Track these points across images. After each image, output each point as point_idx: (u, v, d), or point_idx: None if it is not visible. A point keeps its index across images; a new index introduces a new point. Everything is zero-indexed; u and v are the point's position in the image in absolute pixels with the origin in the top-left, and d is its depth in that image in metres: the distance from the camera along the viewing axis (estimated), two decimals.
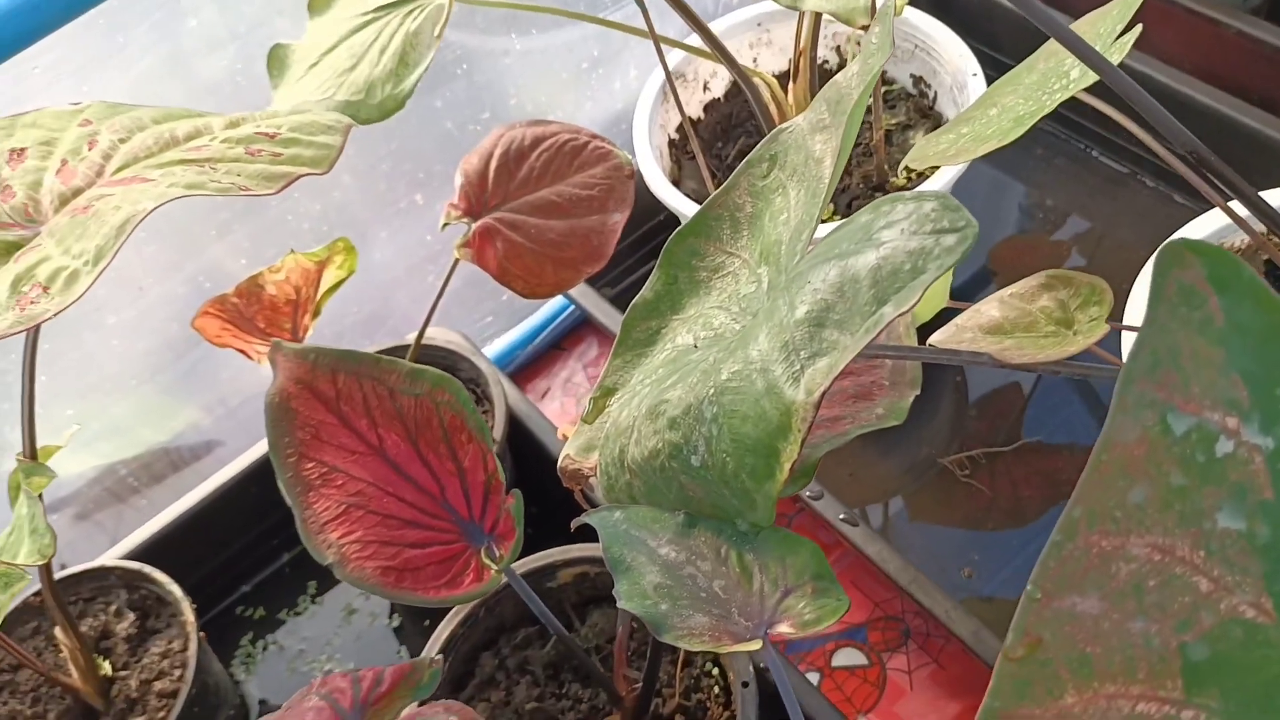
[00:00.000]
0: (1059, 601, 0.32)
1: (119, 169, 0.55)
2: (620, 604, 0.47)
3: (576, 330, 1.05)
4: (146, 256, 0.91)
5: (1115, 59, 0.53)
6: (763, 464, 0.44)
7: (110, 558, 0.84)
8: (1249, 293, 0.31)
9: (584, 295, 0.94)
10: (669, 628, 0.46)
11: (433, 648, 0.70)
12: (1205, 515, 0.31)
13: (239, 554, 0.92)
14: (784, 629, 0.45)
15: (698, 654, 0.72)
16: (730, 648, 0.45)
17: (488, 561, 0.59)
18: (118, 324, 0.91)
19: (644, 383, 0.56)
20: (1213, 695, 0.31)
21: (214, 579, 0.91)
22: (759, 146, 0.57)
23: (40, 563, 0.56)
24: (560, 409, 1.01)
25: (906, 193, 0.43)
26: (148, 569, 0.81)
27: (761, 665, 0.73)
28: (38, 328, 0.59)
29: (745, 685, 0.66)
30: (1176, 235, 0.76)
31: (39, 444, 0.63)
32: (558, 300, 1.03)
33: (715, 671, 0.71)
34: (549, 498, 0.88)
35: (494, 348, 1.02)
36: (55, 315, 0.47)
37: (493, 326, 1.04)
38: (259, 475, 0.89)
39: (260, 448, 0.90)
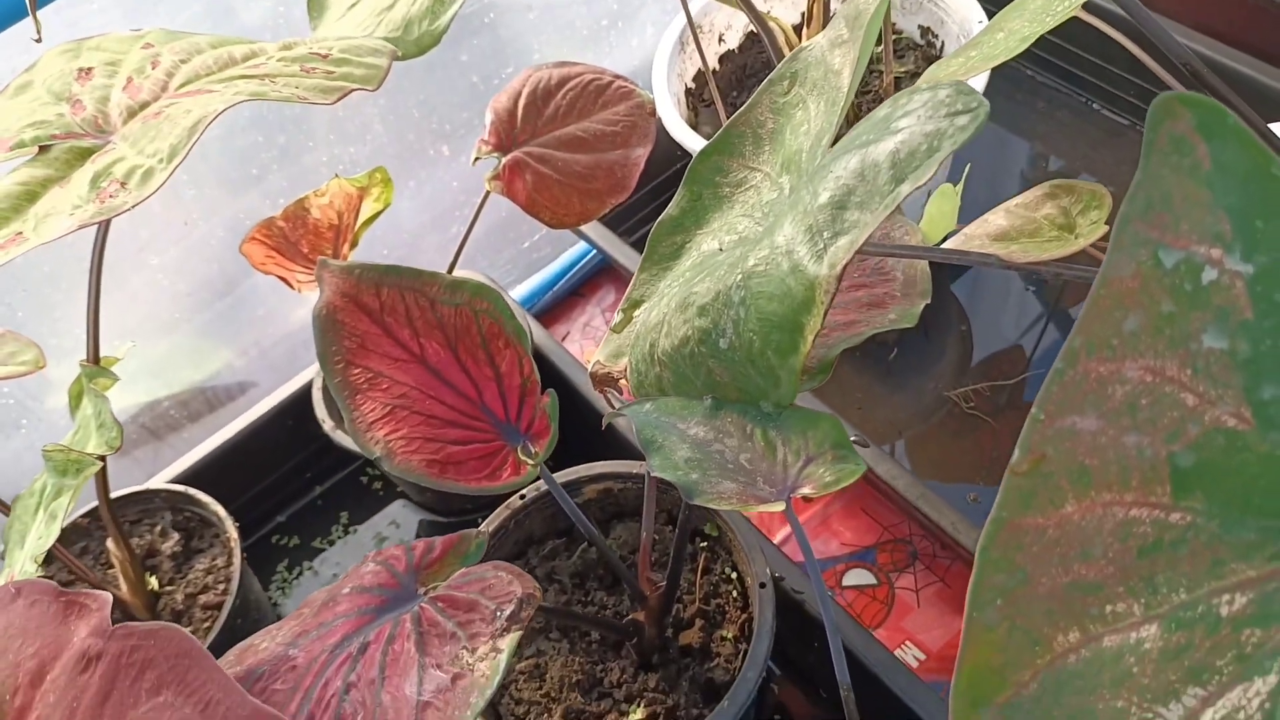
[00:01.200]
0: (1060, 421, 0.36)
1: (182, 84, 0.59)
2: (653, 472, 0.51)
3: (595, 277, 1.08)
4: (188, 200, 0.95)
5: None
6: (787, 339, 0.48)
7: (155, 483, 0.87)
8: (1234, 138, 0.35)
9: (603, 238, 0.98)
10: (700, 492, 0.49)
11: None
12: (1192, 337, 0.35)
13: (275, 485, 0.96)
14: (805, 491, 0.49)
15: (717, 562, 0.76)
16: (756, 508, 0.48)
17: (524, 458, 0.62)
18: (160, 265, 0.95)
19: (671, 286, 0.60)
20: (1198, 498, 0.35)
21: (252, 508, 0.95)
22: (780, 65, 0.61)
23: (109, 453, 0.59)
24: (580, 351, 1.05)
25: (921, 86, 0.47)
26: (192, 491, 0.85)
27: (777, 575, 0.77)
28: (106, 232, 0.63)
29: (763, 586, 0.70)
30: None
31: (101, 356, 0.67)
32: (578, 247, 1.07)
33: (734, 577, 0.75)
34: (572, 430, 0.92)
35: (516, 293, 1.06)
36: (133, 207, 0.50)
37: (513, 273, 1.08)
38: (294, 409, 0.93)
39: (295, 383, 0.94)
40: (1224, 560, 0.35)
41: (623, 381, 0.64)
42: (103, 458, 0.62)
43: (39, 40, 0.64)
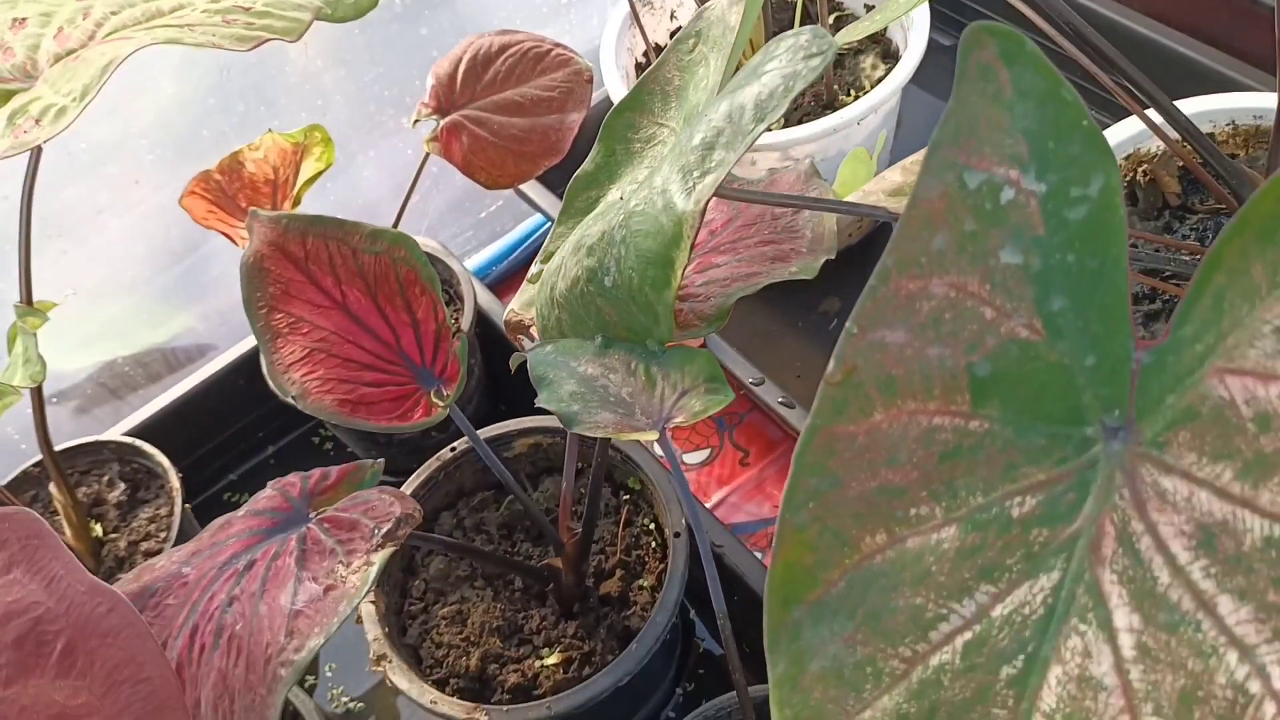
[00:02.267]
0: (872, 334, 0.38)
1: (109, 34, 0.61)
2: (538, 403, 0.53)
3: None
4: (147, 164, 0.97)
5: None
6: (661, 274, 0.50)
7: (106, 435, 0.90)
8: (1031, 63, 0.36)
9: (554, 207, 1.00)
10: (579, 422, 0.51)
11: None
12: (991, 254, 0.37)
13: (227, 443, 0.99)
14: (678, 420, 0.51)
15: (639, 515, 0.78)
16: (628, 435, 0.50)
17: (436, 400, 0.64)
18: (119, 228, 0.97)
19: (575, 232, 0.62)
20: (994, 406, 0.37)
21: (203, 465, 0.97)
22: (686, 25, 0.63)
23: (30, 386, 0.62)
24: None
25: (789, 31, 0.49)
26: (139, 443, 0.87)
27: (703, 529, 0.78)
28: (34, 176, 0.65)
29: (677, 535, 0.72)
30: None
31: (35, 301, 0.70)
32: (533, 220, 1.09)
33: (654, 529, 0.77)
34: (515, 390, 0.94)
35: (471, 262, 1.08)
36: (45, 142, 0.53)
37: (471, 243, 1.10)
38: (246, 368, 0.96)
39: (247, 343, 0.96)
40: (1016, 465, 0.36)
41: (534, 329, 0.66)
42: (36, 390, 0.64)
43: None
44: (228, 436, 0.98)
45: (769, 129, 0.52)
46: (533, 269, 0.69)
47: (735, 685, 0.57)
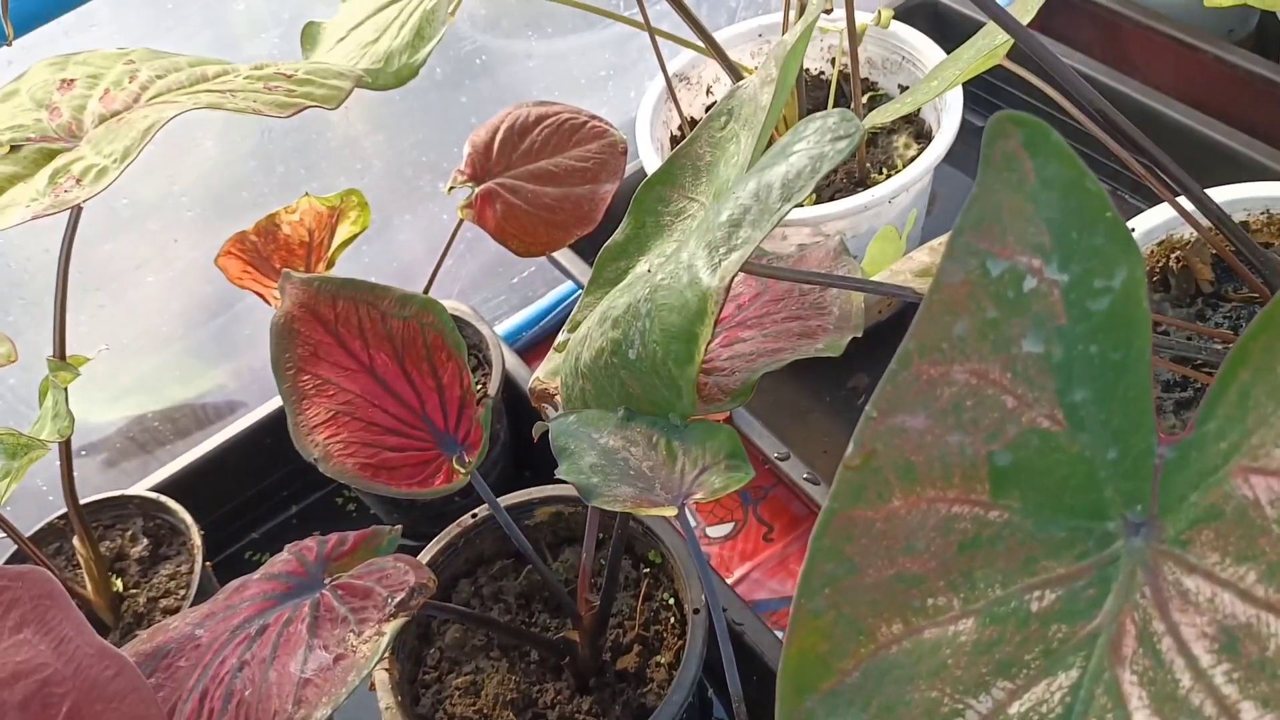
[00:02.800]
0: (891, 419, 0.38)
1: (153, 97, 0.63)
2: (558, 474, 0.53)
3: None
4: (187, 222, 0.99)
5: (1024, 20, 0.59)
6: (684, 349, 0.50)
7: (131, 490, 0.90)
8: (1055, 153, 0.36)
9: (586, 275, 1.01)
10: (597, 495, 0.51)
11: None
12: (1013, 342, 0.37)
13: (251, 501, 0.99)
14: (697, 496, 0.50)
15: (659, 589, 0.77)
16: (647, 510, 0.50)
17: (458, 467, 0.64)
18: (156, 283, 0.99)
19: (603, 303, 0.62)
20: (1015, 496, 0.36)
21: (226, 522, 0.98)
22: (718, 103, 0.64)
23: (59, 439, 0.63)
24: None
25: (819, 113, 0.49)
26: (163, 499, 0.87)
27: (723, 608, 0.77)
28: (74, 233, 0.66)
29: (696, 612, 0.71)
30: (1128, 224, 0.81)
31: (68, 355, 0.71)
32: (565, 286, 1.10)
33: (673, 604, 0.76)
34: (540, 456, 0.94)
35: (502, 327, 1.08)
36: (84, 202, 0.54)
37: (503, 308, 1.11)
38: (274, 427, 0.96)
39: (275, 402, 0.97)
40: (1036, 558, 0.36)
41: (559, 397, 0.67)
42: (64, 443, 0.65)
43: (9, 44, 0.69)
44: (252, 495, 0.99)
45: (798, 206, 0.52)
46: (560, 338, 0.69)
47: None
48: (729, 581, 0.88)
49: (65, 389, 0.65)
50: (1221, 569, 0.32)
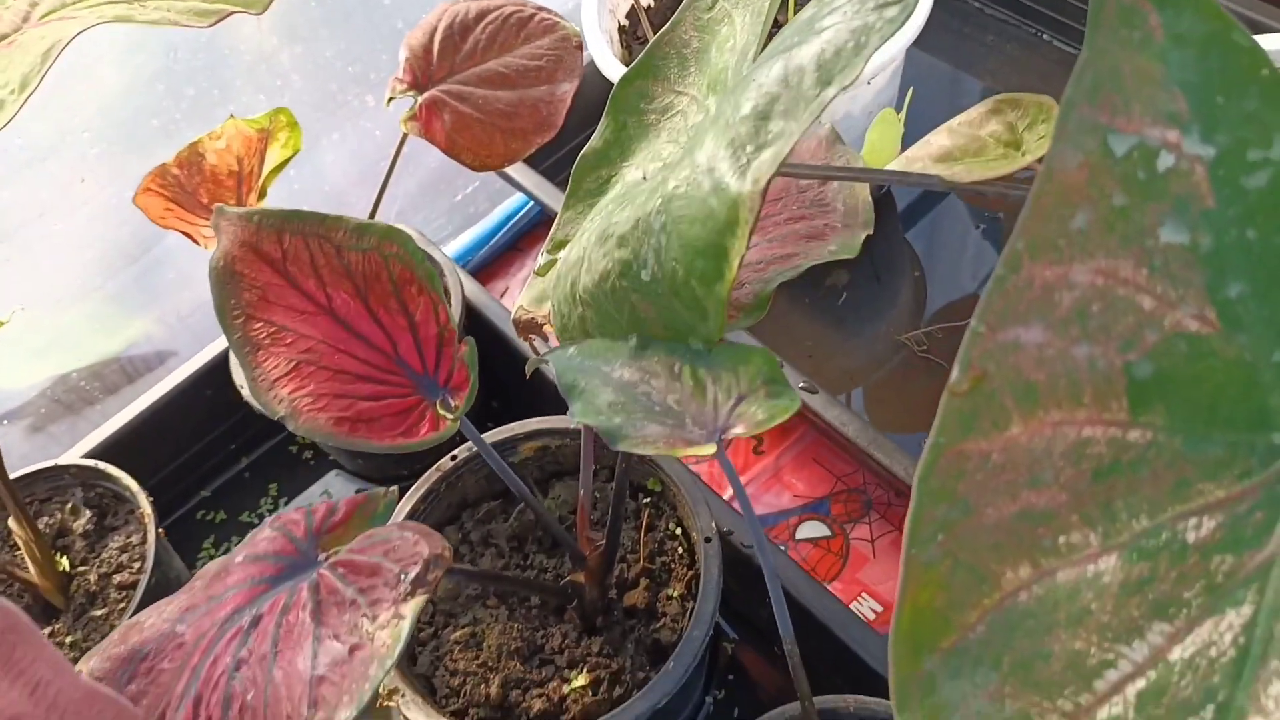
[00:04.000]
0: (1003, 334, 0.32)
1: (46, 14, 0.53)
2: (574, 420, 0.47)
3: (533, 230, 1.04)
4: (92, 160, 0.89)
5: None
6: (712, 266, 0.44)
7: (65, 459, 0.82)
8: (1189, 4, 0.31)
9: (535, 184, 0.93)
10: (624, 437, 0.45)
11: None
12: (1147, 233, 0.31)
13: (196, 458, 0.91)
14: (737, 430, 0.45)
15: (661, 519, 0.72)
16: (684, 451, 0.44)
17: (443, 412, 0.58)
18: (64, 231, 0.89)
19: (594, 220, 0.56)
20: (1158, 412, 0.31)
21: (172, 483, 0.90)
22: None
23: None
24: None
25: None
26: (103, 465, 0.80)
27: (725, 529, 0.73)
28: None
29: (708, 541, 0.66)
30: None
31: None
32: (514, 200, 1.02)
33: (679, 533, 0.71)
34: (512, 388, 0.88)
35: (450, 248, 1.01)
36: None
37: (447, 228, 1.03)
38: (212, 376, 0.88)
39: (211, 349, 0.89)
40: (1189, 481, 0.31)
41: (548, 327, 0.60)
42: None
43: None
44: (197, 451, 0.91)
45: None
46: (540, 259, 0.62)
47: (800, 695, 0.52)
48: (724, 499, 0.83)
49: None
50: None
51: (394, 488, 0.51)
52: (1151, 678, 0.31)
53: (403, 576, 0.43)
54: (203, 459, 0.92)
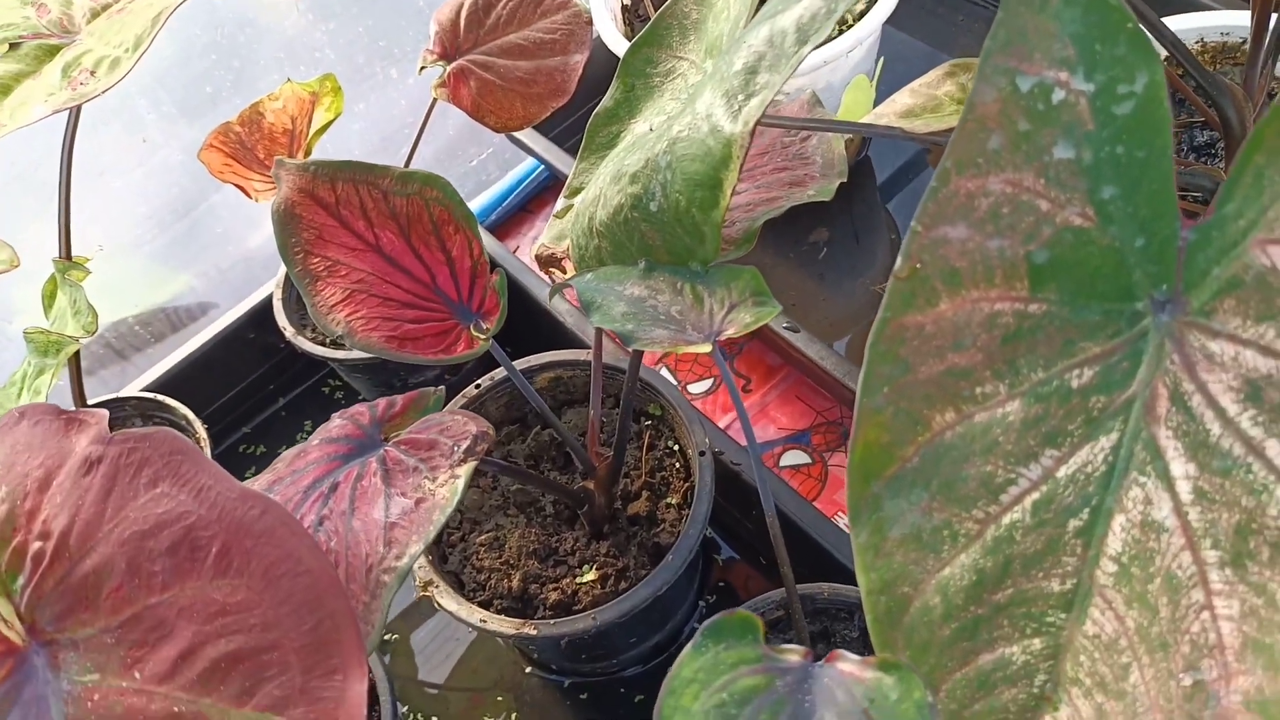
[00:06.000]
0: (935, 231, 0.41)
1: None
2: (592, 323, 0.56)
3: (541, 194, 1.13)
4: (148, 124, 0.98)
5: None
6: (709, 195, 0.53)
7: (125, 392, 0.91)
8: None
9: (549, 151, 1.03)
10: (635, 339, 0.55)
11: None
12: (1045, 151, 0.40)
13: (240, 396, 1.00)
14: (729, 332, 0.54)
15: (660, 439, 0.81)
16: (685, 348, 0.54)
17: (476, 333, 0.67)
18: (121, 188, 0.98)
19: (607, 166, 0.65)
20: (1052, 289, 0.40)
21: (218, 418, 0.99)
22: None
23: (86, 335, 0.64)
24: (529, 261, 1.09)
25: None
26: (162, 397, 0.89)
27: (717, 449, 0.82)
28: (74, 132, 0.66)
29: (702, 454, 0.76)
30: None
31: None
32: (525, 165, 1.11)
33: (676, 450, 0.80)
34: (525, 330, 0.97)
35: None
36: (103, 93, 0.54)
37: (462, 190, 1.12)
38: (256, 322, 0.97)
39: (256, 297, 0.98)
40: (1074, 340, 0.40)
41: (566, 261, 0.69)
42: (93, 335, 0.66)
43: None
44: (240, 390, 1.00)
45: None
46: (559, 204, 0.72)
47: (784, 578, 0.61)
48: (719, 427, 0.92)
49: (80, 286, 0.66)
50: (1243, 330, 0.37)
51: (442, 386, 0.60)
52: (1044, 491, 0.40)
53: (455, 448, 0.52)
54: (245, 397, 1.01)
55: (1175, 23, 0.85)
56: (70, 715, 0.38)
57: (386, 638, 0.89)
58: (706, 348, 0.54)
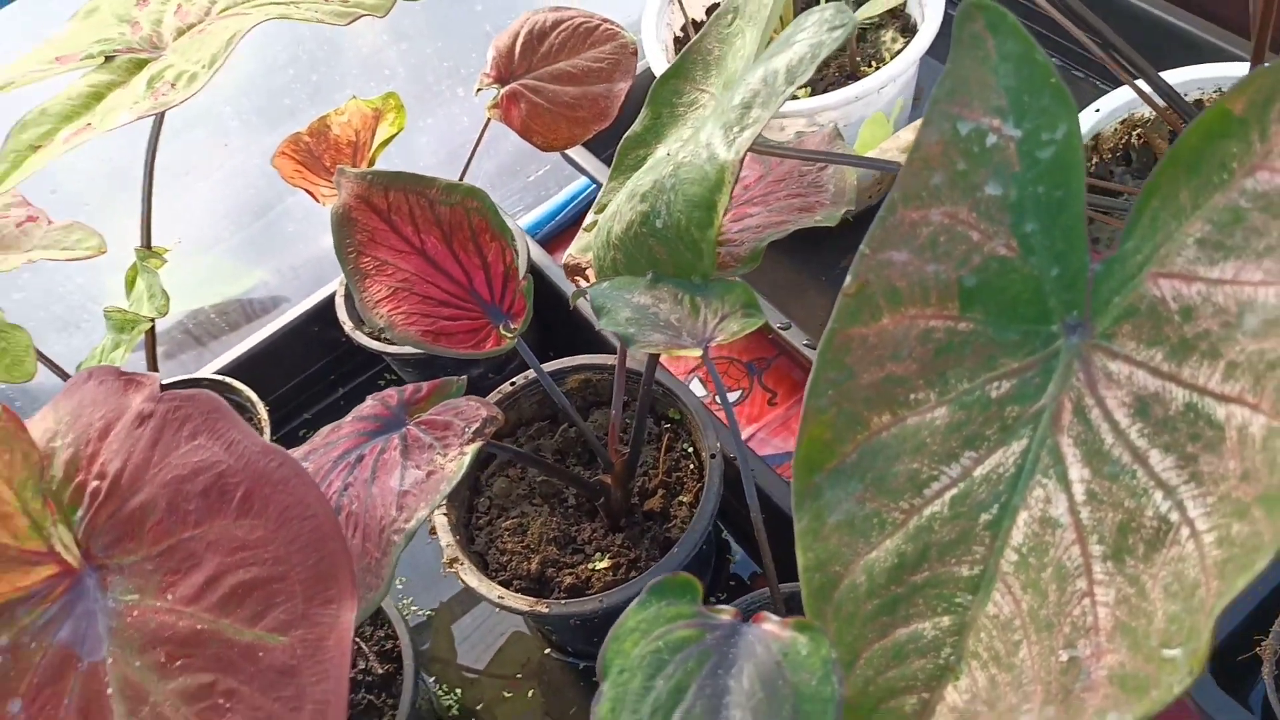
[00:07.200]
0: (880, 254, 0.47)
1: (223, 10, 0.71)
2: (599, 326, 0.62)
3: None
4: (232, 130, 1.07)
5: None
6: (705, 214, 0.59)
7: (200, 374, 1.00)
8: (1012, 32, 0.45)
9: (599, 170, 1.09)
10: (635, 341, 0.61)
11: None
12: (978, 188, 0.46)
13: (303, 384, 1.09)
14: (719, 339, 0.60)
15: (678, 442, 0.87)
16: (677, 352, 0.60)
17: (504, 332, 0.74)
18: (203, 189, 1.07)
19: (627, 185, 0.71)
20: (979, 310, 0.46)
21: (281, 405, 1.07)
22: (724, 1, 0.72)
23: (159, 316, 0.72)
24: None
25: (815, 7, 0.57)
26: (230, 379, 0.97)
27: (731, 455, 0.88)
28: (158, 133, 0.75)
29: (713, 457, 0.81)
30: (1091, 106, 0.90)
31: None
32: (578, 182, 1.18)
33: (692, 452, 0.86)
34: (565, 335, 1.03)
35: (522, 221, 1.17)
36: (180, 104, 0.62)
37: (520, 205, 1.20)
38: (320, 317, 1.05)
39: (321, 293, 1.06)
40: (996, 356, 0.45)
41: (590, 270, 0.76)
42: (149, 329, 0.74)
43: None
44: (302, 379, 1.08)
45: (797, 95, 0.61)
46: (588, 220, 0.78)
47: (765, 570, 0.66)
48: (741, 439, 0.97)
49: (157, 273, 0.74)
50: (1136, 353, 0.42)
51: (464, 376, 0.67)
52: (961, 488, 0.45)
53: (467, 429, 0.59)
54: (307, 386, 1.09)
55: (1196, 72, 0.89)
56: (113, 627, 0.45)
57: (424, 619, 0.96)
58: (697, 352, 0.60)
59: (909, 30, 1.05)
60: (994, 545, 0.44)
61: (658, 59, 1.03)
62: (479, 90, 0.90)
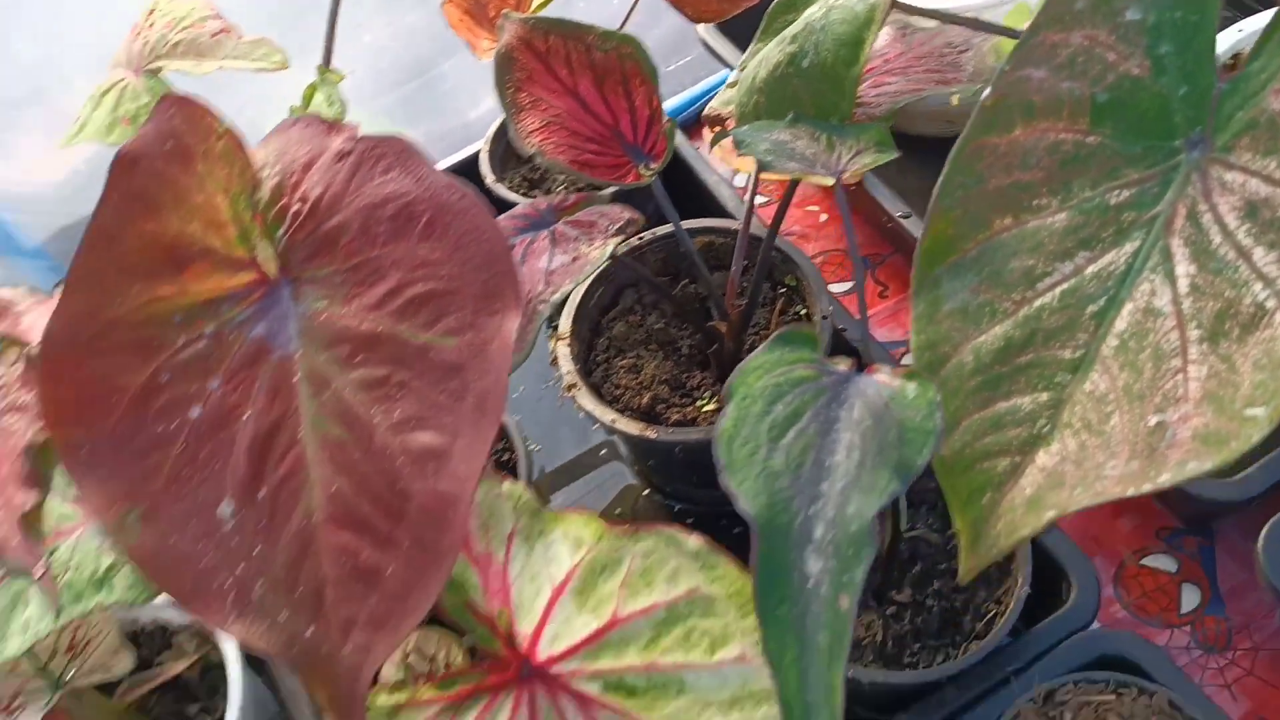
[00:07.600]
0: (1019, 71, 0.51)
1: None
2: (739, 153, 0.67)
3: None
4: None
5: None
6: (851, 52, 0.64)
7: None
8: None
9: (735, 57, 1.13)
10: (772, 167, 0.65)
11: (592, 275, 0.91)
12: (1120, 13, 0.49)
13: None
14: (853, 168, 0.64)
15: (792, 305, 0.92)
16: (811, 177, 0.64)
17: (643, 171, 0.79)
18: (369, 43, 1.14)
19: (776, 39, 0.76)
20: (1108, 125, 0.49)
21: None
22: None
23: (338, 119, 0.78)
24: (707, 157, 1.21)
25: None
26: None
27: (841, 327, 0.92)
28: None
29: (824, 318, 0.86)
30: (1234, 26, 0.92)
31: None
32: (715, 77, 1.23)
33: (804, 315, 0.91)
34: (693, 210, 1.08)
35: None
36: None
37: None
38: (462, 171, 1.12)
39: (466, 150, 1.12)
40: (1119, 168, 0.49)
41: (730, 122, 0.80)
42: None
43: None
44: None
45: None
46: (731, 77, 0.83)
47: None
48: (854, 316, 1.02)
49: (336, 86, 0.80)
50: (1252, 163, 0.45)
51: (613, 188, 0.73)
52: (1072, 283, 0.49)
53: (610, 226, 0.64)
54: None
55: None
56: (303, 328, 0.52)
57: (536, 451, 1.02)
58: (830, 180, 0.65)
59: None
60: (1097, 332, 0.48)
61: None
62: None
